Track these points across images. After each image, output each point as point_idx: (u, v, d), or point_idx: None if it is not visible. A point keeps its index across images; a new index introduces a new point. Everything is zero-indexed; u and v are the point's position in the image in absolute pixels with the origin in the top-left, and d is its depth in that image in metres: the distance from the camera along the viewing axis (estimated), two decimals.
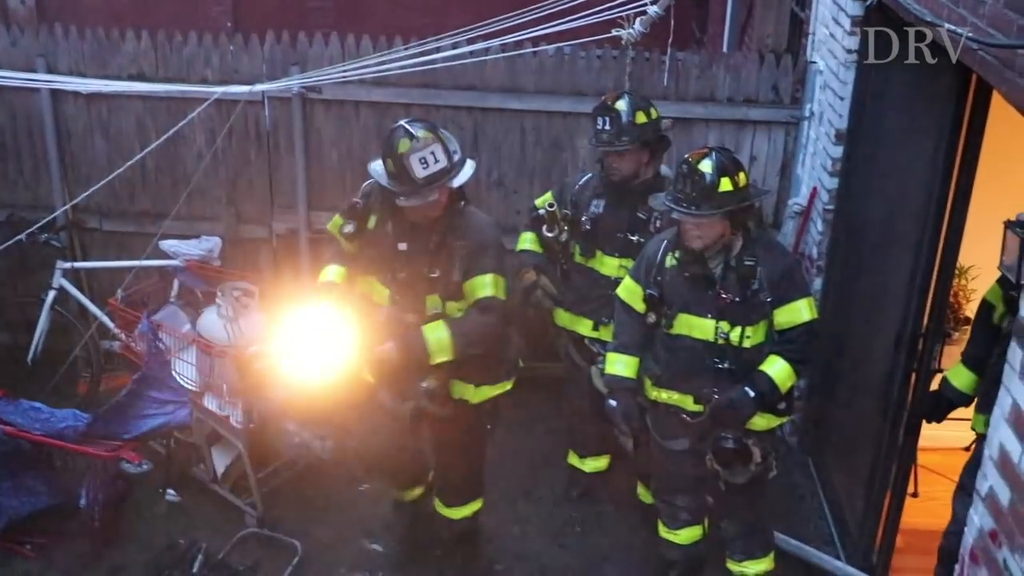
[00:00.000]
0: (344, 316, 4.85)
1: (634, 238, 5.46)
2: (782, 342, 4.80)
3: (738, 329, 4.74)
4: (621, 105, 5.29)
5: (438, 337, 4.78)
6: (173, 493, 6.08)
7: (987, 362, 4.76)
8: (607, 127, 5.28)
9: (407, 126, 4.58)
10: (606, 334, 5.52)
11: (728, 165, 4.61)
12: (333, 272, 5.01)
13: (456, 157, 4.63)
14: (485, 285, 4.82)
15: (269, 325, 5.93)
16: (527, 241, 5.74)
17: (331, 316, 4.84)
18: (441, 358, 4.80)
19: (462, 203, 4.82)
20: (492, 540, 5.86)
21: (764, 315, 4.77)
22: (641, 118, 5.30)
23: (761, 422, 4.87)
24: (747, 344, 4.77)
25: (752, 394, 4.73)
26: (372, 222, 4.86)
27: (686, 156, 4.69)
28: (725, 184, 4.56)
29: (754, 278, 4.70)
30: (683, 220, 4.66)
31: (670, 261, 4.85)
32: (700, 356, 4.82)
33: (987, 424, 4.59)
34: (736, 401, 4.76)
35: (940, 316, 4.86)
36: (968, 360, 5.00)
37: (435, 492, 5.55)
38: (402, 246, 4.79)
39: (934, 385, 5.08)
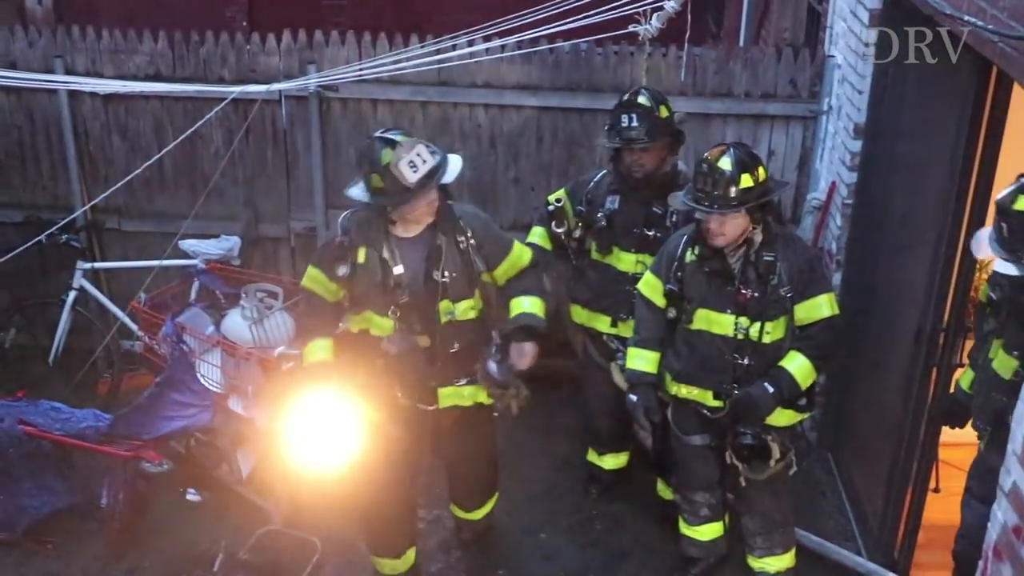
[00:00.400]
0: (343, 398, 4.80)
1: (651, 233, 5.44)
2: (802, 338, 4.79)
3: (757, 325, 4.74)
4: (644, 100, 5.28)
5: (535, 303, 4.89)
6: (194, 492, 6.09)
7: None
8: (634, 123, 5.25)
9: (383, 136, 4.50)
10: (624, 330, 5.51)
11: (747, 161, 4.59)
12: (321, 349, 4.83)
13: (438, 155, 4.57)
14: (522, 252, 4.95)
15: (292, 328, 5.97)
16: (536, 236, 5.72)
17: (332, 402, 4.79)
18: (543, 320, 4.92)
19: (448, 201, 4.78)
20: (512, 538, 5.85)
21: (784, 310, 4.75)
22: (664, 112, 5.33)
23: (781, 418, 4.86)
24: (767, 340, 4.76)
25: (771, 390, 4.73)
26: (362, 256, 4.70)
27: (704, 154, 4.68)
28: (745, 180, 4.55)
29: (774, 273, 4.68)
30: (705, 219, 4.64)
31: (690, 256, 4.84)
32: (720, 352, 4.81)
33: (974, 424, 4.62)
34: (755, 397, 4.75)
35: (961, 311, 4.83)
36: (972, 362, 4.98)
37: (451, 500, 5.52)
38: (398, 269, 4.68)
39: (953, 387, 5.06)
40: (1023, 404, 3.19)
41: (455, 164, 4.62)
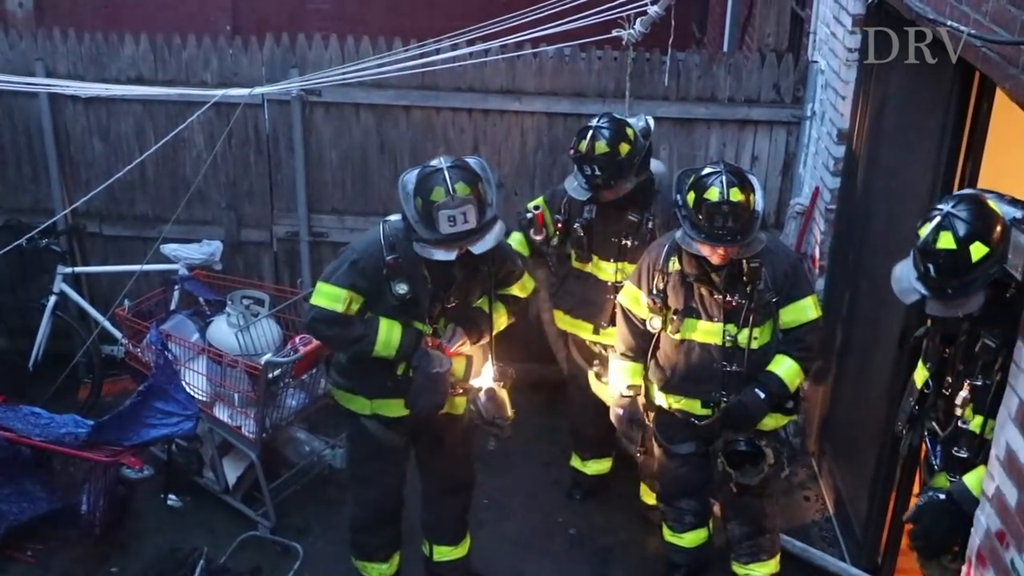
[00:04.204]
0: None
1: (628, 242, 5.44)
2: (788, 341, 4.81)
3: (745, 331, 4.74)
4: (601, 146, 5.18)
5: (500, 313, 4.91)
6: (174, 498, 6.07)
7: None
8: (597, 172, 5.21)
9: (448, 175, 4.30)
10: (606, 338, 5.51)
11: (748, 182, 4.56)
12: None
13: (488, 215, 4.44)
14: (524, 284, 4.99)
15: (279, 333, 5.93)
16: (514, 242, 5.70)
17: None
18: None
19: None
20: (496, 545, 5.83)
21: (769, 315, 4.76)
22: (624, 148, 5.22)
23: (769, 422, 4.86)
24: (755, 345, 4.77)
25: (762, 395, 4.74)
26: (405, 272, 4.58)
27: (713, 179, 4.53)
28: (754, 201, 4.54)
29: (759, 279, 4.68)
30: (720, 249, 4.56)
31: (673, 266, 4.81)
32: (708, 360, 4.81)
33: None
34: (748, 404, 4.75)
35: None
36: None
37: (433, 540, 5.36)
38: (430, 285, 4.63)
39: None
40: (1006, 410, 3.20)
41: (492, 234, 4.46)
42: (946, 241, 3.45)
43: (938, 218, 3.49)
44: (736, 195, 4.45)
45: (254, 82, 6.53)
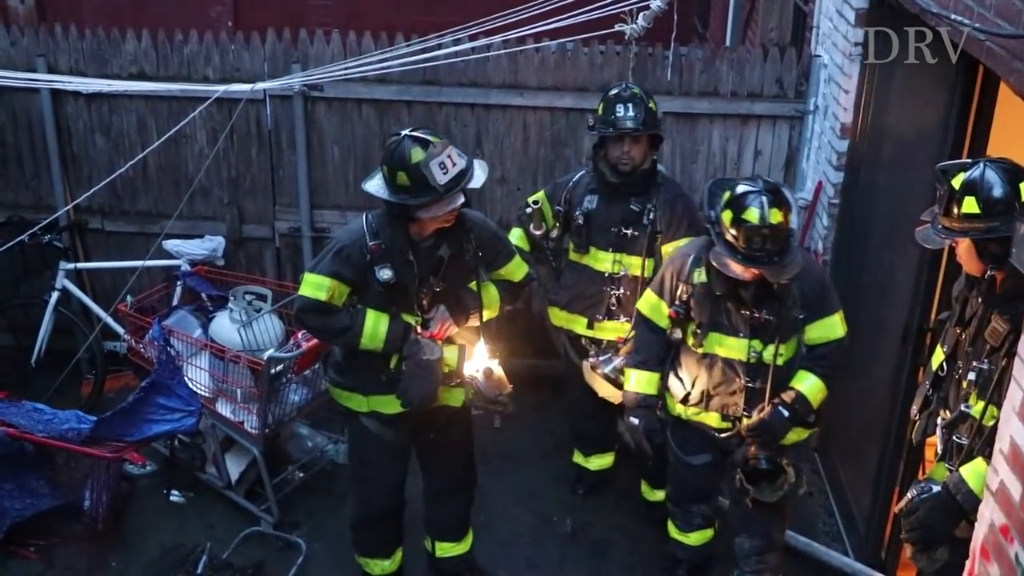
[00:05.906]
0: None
1: (627, 231, 5.43)
2: (813, 357, 4.72)
3: (771, 347, 4.63)
4: (637, 91, 5.31)
5: (492, 298, 4.85)
6: (177, 494, 6.07)
7: None
8: (631, 112, 5.23)
9: (414, 135, 4.38)
10: (600, 332, 5.52)
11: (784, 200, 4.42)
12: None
13: (465, 159, 4.49)
14: (517, 268, 4.93)
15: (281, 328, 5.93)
16: (515, 236, 5.68)
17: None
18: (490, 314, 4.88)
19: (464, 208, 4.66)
20: (498, 542, 5.83)
21: (796, 331, 4.67)
22: (653, 105, 5.33)
23: (791, 436, 4.77)
24: (780, 362, 4.66)
25: (786, 414, 4.64)
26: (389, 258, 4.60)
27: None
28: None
29: (788, 296, 4.57)
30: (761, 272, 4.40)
31: (698, 277, 4.68)
32: (731, 375, 4.70)
33: None
34: (772, 423, 4.65)
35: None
36: None
37: (435, 537, 5.36)
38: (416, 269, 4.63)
39: None
40: (1010, 404, 3.18)
41: (481, 170, 4.52)
42: (958, 180, 3.53)
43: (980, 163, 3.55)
44: (776, 216, 4.26)
45: (256, 78, 6.54)
